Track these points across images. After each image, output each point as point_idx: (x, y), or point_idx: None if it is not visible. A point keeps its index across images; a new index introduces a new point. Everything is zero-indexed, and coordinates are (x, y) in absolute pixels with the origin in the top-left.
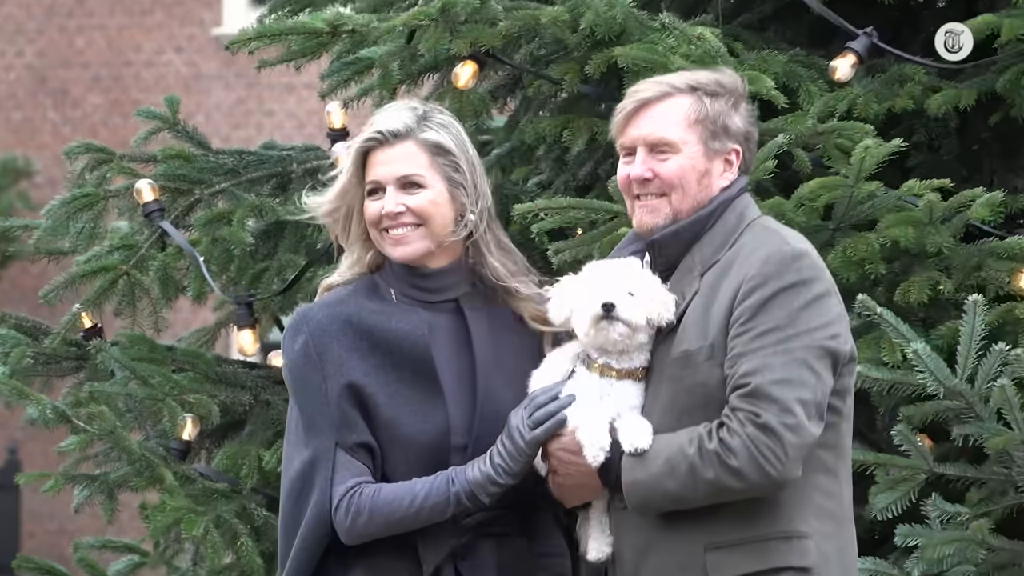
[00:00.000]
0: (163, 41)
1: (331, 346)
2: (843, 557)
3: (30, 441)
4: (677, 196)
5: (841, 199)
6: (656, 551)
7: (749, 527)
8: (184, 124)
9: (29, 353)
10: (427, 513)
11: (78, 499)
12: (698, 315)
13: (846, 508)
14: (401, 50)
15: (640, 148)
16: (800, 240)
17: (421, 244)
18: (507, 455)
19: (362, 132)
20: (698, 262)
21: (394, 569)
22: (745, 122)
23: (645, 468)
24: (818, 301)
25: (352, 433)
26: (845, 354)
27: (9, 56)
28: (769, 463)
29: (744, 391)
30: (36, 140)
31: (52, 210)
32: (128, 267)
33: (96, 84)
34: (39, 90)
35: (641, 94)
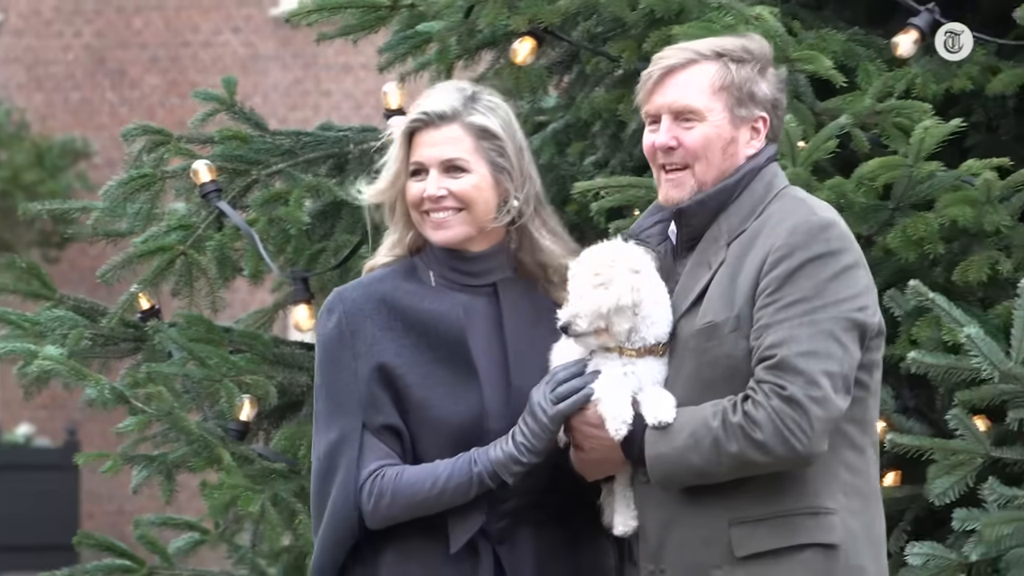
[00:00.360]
0: (221, 22)
1: (364, 325)
2: (870, 533)
3: (89, 422)
4: (701, 167)
5: (900, 179)
6: (680, 526)
7: (774, 502)
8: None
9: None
10: (450, 495)
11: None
12: (724, 286)
13: (873, 484)
14: (459, 25)
15: (665, 116)
16: (828, 210)
17: (462, 229)
18: (530, 433)
19: (410, 111)
20: (724, 231)
21: (426, 551)
22: (773, 89)
23: (669, 441)
24: (846, 272)
25: (379, 415)
26: (873, 327)
27: (67, 37)
28: (795, 436)
29: (770, 363)
30: (94, 121)
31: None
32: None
33: (154, 65)
34: (97, 71)
35: (666, 61)
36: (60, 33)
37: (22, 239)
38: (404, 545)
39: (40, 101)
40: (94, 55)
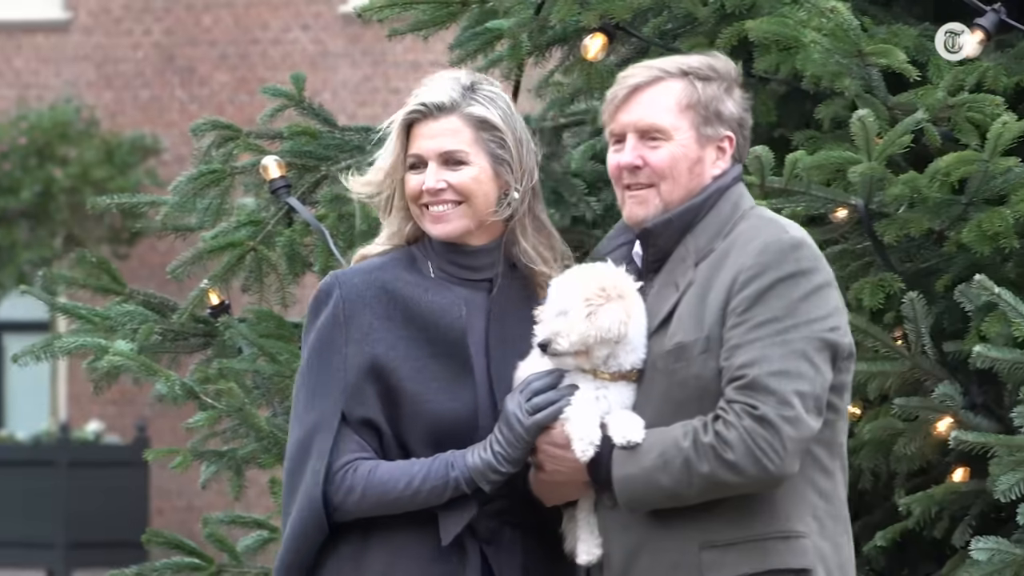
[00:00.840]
0: (290, 19)
1: (362, 313)
2: (839, 555)
3: (159, 418)
4: (667, 186)
5: (975, 174)
6: (647, 551)
7: (745, 526)
8: (310, 101)
9: (157, 329)
10: (423, 496)
11: (205, 475)
12: (693, 306)
13: (839, 506)
14: (530, 21)
15: (630, 135)
16: (797, 229)
17: (461, 223)
18: (506, 443)
19: (407, 103)
20: (692, 251)
21: (414, 549)
22: (738, 108)
23: (637, 462)
24: (817, 292)
25: (361, 407)
26: (844, 347)
27: (137, 35)
28: (767, 457)
29: (741, 383)
30: (164, 118)
31: (179, 187)
32: (255, 243)
33: (223, 62)
34: (167, 68)
35: (631, 79)
36: (130, 31)
37: (92, 235)
38: (391, 543)
39: (110, 98)
40: (163, 52)
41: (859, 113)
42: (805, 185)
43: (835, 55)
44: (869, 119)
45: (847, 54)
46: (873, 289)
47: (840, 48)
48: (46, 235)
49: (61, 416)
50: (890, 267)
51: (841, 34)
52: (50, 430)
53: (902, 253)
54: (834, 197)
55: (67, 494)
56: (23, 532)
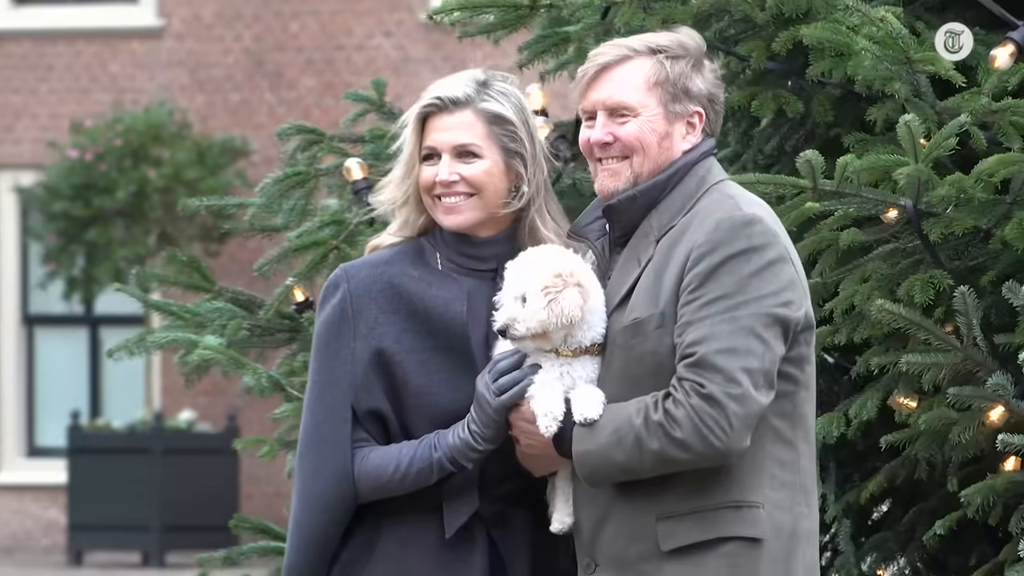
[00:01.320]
0: (373, 26)
1: (369, 307)
2: (798, 525)
3: (248, 408)
4: (638, 159)
5: (1018, 175)
6: (611, 522)
7: (700, 497)
8: (391, 106)
9: (245, 325)
10: (412, 479)
11: (291, 465)
12: (650, 282)
13: (802, 476)
14: (596, 25)
15: (600, 112)
16: (755, 205)
17: (473, 214)
18: (479, 422)
19: (421, 97)
20: (655, 227)
21: (422, 535)
22: (708, 84)
23: (594, 438)
24: (769, 268)
25: (369, 399)
26: (799, 321)
27: (228, 41)
28: (713, 434)
29: (690, 361)
30: (253, 121)
31: (266, 188)
32: (338, 242)
33: (309, 67)
34: (256, 73)
35: (601, 58)
36: (221, 37)
37: (184, 233)
38: (402, 529)
39: (201, 102)
40: (253, 58)
41: (905, 118)
42: (856, 187)
43: (884, 62)
44: (915, 123)
45: (896, 61)
46: (923, 286)
47: (889, 55)
48: (141, 233)
49: (156, 406)
50: (939, 264)
51: (890, 42)
52: (145, 419)
53: (951, 251)
54: (884, 198)
55: (161, 480)
56: (120, 516)
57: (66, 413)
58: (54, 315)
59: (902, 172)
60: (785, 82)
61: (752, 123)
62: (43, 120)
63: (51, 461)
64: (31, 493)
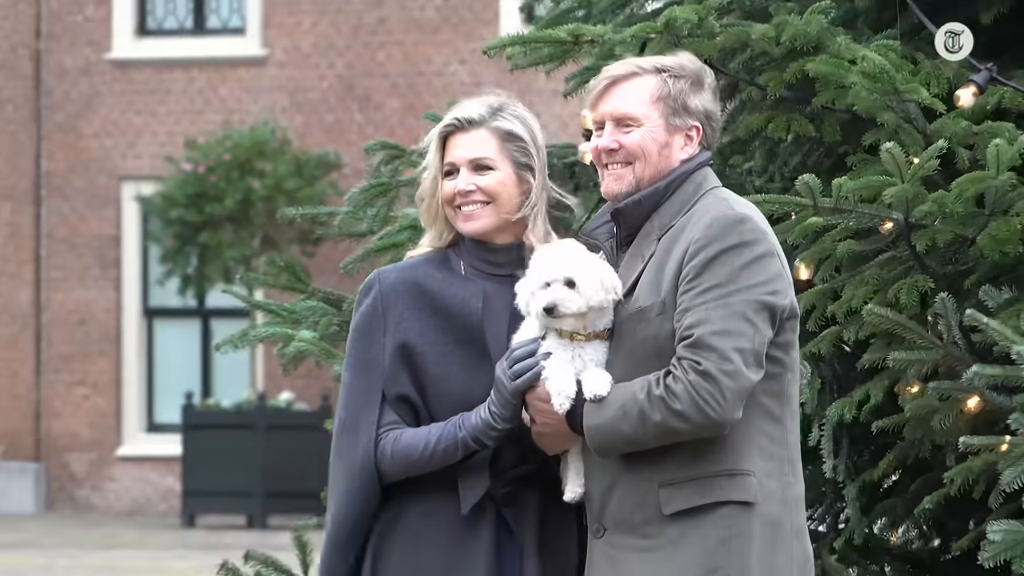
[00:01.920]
0: (450, 54)
1: (396, 304)
2: (786, 493)
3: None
4: (640, 165)
5: (989, 189)
6: (618, 490)
7: (698, 466)
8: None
9: (334, 321)
10: (439, 456)
11: None
12: (652, 275)
13: (789, 450)
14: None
15: (608, 122)
16: (745, 206)
17: (489, 220)
18: (498, 404)
19: (444, 119)
20: (656, 227)
21: (443, 509)
22: (705, 102)
23: (603, 413)
24: (758, 261)
25: (396, 386)
26: (784, 308)
27: (323, 68)
28: (709, 406)
29: (688, 342)
30: (344, 138)
31: (353, 197)
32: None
33: (394, 91)
34: (347, 96)
35: (610, 73)
36: (317, 65)
37: (284, 236)
38: (423, 505)
39: (300, 122)
40: (345, 83)
41: (886, 146)
42: (852, 204)
43: (875, 93)
44: (896, 150)
45: (884, 92)
46: (909, 289)
47: (879, 88)
48: (246, 236)
49: (259, 387)
50: (925, 271)
51: (879, 75)
52: (250, 399)
53: (940, 258)
54: (878, 213)
55: (264, 452)
56: (228, 484)
57: (181, 394)
58: (171, 308)
59: (889, 192)
60: (800, 108)
61: (776, 142)
62: (162, 137)
63: (168, 436)
64: (150, 464)
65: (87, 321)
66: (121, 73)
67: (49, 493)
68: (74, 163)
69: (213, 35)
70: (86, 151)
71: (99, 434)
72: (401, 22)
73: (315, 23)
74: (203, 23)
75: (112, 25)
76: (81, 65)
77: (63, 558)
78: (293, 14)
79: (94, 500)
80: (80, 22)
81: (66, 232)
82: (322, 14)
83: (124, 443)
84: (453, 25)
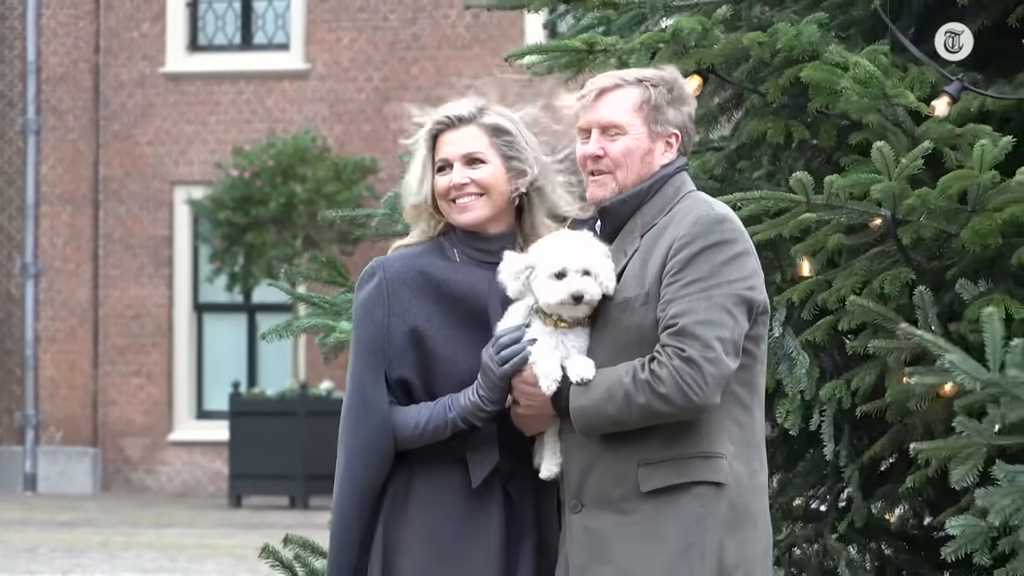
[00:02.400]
0: (479, 68)
1: (403, 290)
2: (753, 477)
3: None
4: (622, 173)
5: (971, 187)
6: (597, 468)
7: (674, 447)
8: None
9: None
10: (429, 434)
11: None
12: (636, 268)
13: (758, 437)
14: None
15: (594, 130)
16: (724, 207)
17: (483, 211)
18: (486, 387)
19: (433, 118)
20: (639, 225)
21: (449, 481)
22: (683, 111)
23: (589, 395)
24: (737, 258)
25: (398, 369)
26: (759, 303)
27: (360, 81)
28: (691, 390)
29: (672, 330)
30: (381, 146)
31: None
32: None
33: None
34: (383, 107)
35: (597, 85)
36: (355, 78)
37: (325, 236)
38: (431, 470)
39: (340, 131)
40: (381, 95)
41: (877, 144)
42: (843, 200)
43: (865, 97)
44: (886, 148)
45: (874, 96)
46: (892, 280)
47: (869, 92)
48: (289, 236)
49: (301, 377)
50: (909, 264)
51: (869, 80)
52: (293, 388)
53: (926, 251)
54: (867, 209)
55: (306, 437)
56: (272, 467)
57: (228, 383)
58: (219, 303)
59: (877, 188)
60: (798, 115)
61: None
62: (211, 145)
63: (216, 422)
64: (199, 448)
65: (141, 316)
66: (174, 85)
67: (106, 476)
68: (130, 169)
69: (259, 50)
70: (141, 158)
71: (152, 421)
72: (433, 39)
73: (354, 39)
74: (250, 39)
75: (166, 41)
76: (137, 78)
77: (118, 536)
78: (334, 31)
79: (147, 482)
80: (136, 38)
81: (122, 233)
82: (360, 31)
83: (175, 429)
84: (482, 41)
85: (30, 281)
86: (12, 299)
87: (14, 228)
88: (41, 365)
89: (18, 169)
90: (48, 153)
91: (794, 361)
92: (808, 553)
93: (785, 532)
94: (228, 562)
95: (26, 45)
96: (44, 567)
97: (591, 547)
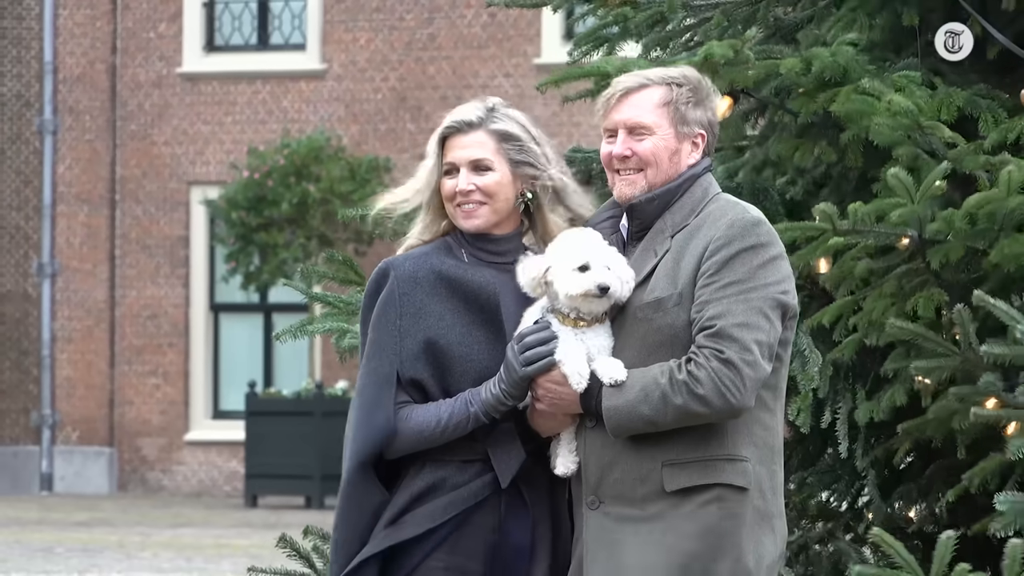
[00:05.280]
0: (495, 68)
1: (415, 291)
2: (773, 479)
3: None
4: (652, 171)
5: (999, 209)
6: (619, 466)
7: (700, 449)
8: None
9: None
10: (451, 431)
11: None
12: (669, 268)
13: (778, 440)
14: None
15: (621, 130)
16: (756, 211)
17: (487, 217)
18: (508, 383)
19: (442, 122)
20: (669, 225)
21: (459, 478)
22: (709, 112)
23: (623, 396)
24: (773, 262)
25: (413, 370)
26: (792, 307)
27: (377, 81)
28: (730, 392)
29: (710, 332)
30: (397, 145)
31: None
32: None
33: (443, 102)
34: (400, 107)
35: (622, 85)
36: (372, 78)
37: (340, 236)
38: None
39: (356, 130)
40: (397, 95)
41: (892, 171)
42: (869, 225)
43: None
44: (903, 174)
45: (908, 129)
46: (925, 302)
47: (901, 125)
48: (303, 236)
49: (316, 377)
50: (939, 283)
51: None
52: (308, 388)
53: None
54: (894, 231)
55: (321, 437)
56: (287, 467)
57: (244, 383)
58: (235, 303)
59: (895, 213)
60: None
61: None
62: (228, 145)
63: (232, 422)
64: (216, 448)
65: (157, 316)
66: (190, 86)
67: (122, 475)
68: (146, 169)
69: (276, 51)
70: (158, 158)
71: (168, 421)
72: (450, 38)
73: (370, 39)
74: (267, 39)
75: (182, 41)
76: (153, 79)
77: (135, 535)
78: (350, 31)
79: (164, 482)
80: (153, 39)
81: (139, 233)
82: (377, 31)
83: (191, 429)
84: (498, 41)
85: (47, 281)
86: (29, 299)
87: (31, 228)
88: (58, 365)
89: (35, 169)
90: (65, 153)
91: (807, 359)
92: (822, 553)
93: (799, 532)
94: (244, 562)
95: (43, 46)
96: (60, 567)
97: (608, 543)
